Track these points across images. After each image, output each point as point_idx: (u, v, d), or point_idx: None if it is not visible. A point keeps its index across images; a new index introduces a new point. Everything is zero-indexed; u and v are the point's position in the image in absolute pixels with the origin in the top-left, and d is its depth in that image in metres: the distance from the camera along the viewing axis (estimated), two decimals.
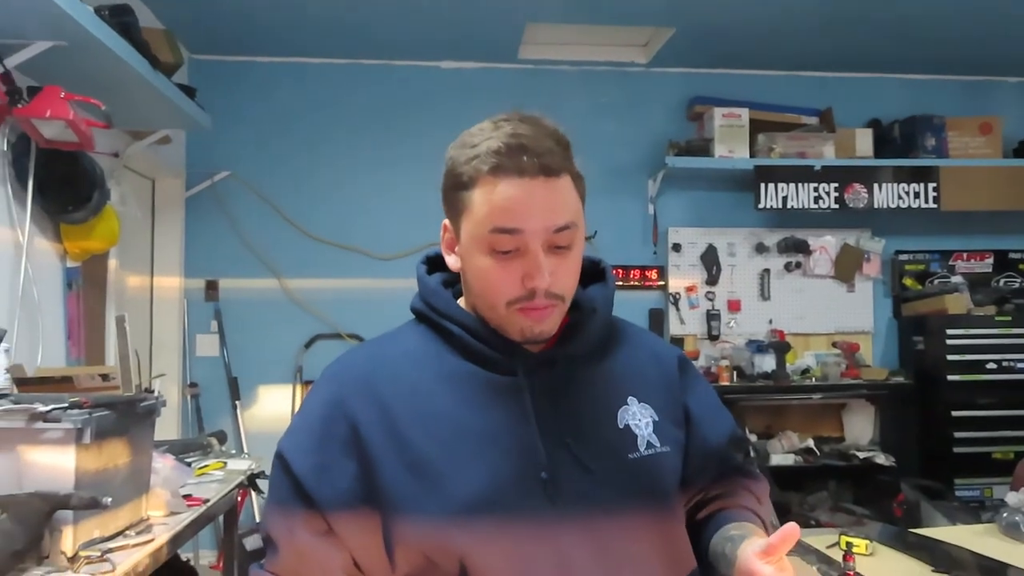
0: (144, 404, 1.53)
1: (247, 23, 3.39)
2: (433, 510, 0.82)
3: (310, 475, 0.85)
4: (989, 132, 3.92)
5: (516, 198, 0.83)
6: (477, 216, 0.85)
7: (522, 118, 0.87)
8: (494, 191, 0.83)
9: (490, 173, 0.83)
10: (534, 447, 0.85)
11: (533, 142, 0.83)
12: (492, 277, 0.86)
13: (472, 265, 0.87)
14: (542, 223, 0.83)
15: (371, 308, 3.66)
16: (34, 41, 2.02)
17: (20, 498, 1.22)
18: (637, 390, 0.94)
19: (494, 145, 0.83)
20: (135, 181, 3.40)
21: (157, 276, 3.63)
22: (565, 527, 0.84)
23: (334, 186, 3.81)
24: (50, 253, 2.45)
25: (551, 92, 3.87)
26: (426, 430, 0.85)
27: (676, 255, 3.96)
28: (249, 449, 3.47)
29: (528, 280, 0.84)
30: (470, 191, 0.85)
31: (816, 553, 1.89)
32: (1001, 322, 3.74)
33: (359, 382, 0.89)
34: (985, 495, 3.62)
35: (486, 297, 0.88)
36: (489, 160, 0.83)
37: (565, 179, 0.86)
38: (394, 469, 0.84)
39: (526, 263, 0.84)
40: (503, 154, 0.82)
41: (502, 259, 0.85)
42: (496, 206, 0.83)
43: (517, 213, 0.83)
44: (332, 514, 0.84)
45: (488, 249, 0.85)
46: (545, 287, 0.84)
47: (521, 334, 0.88)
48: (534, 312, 0.86)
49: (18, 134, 2.19)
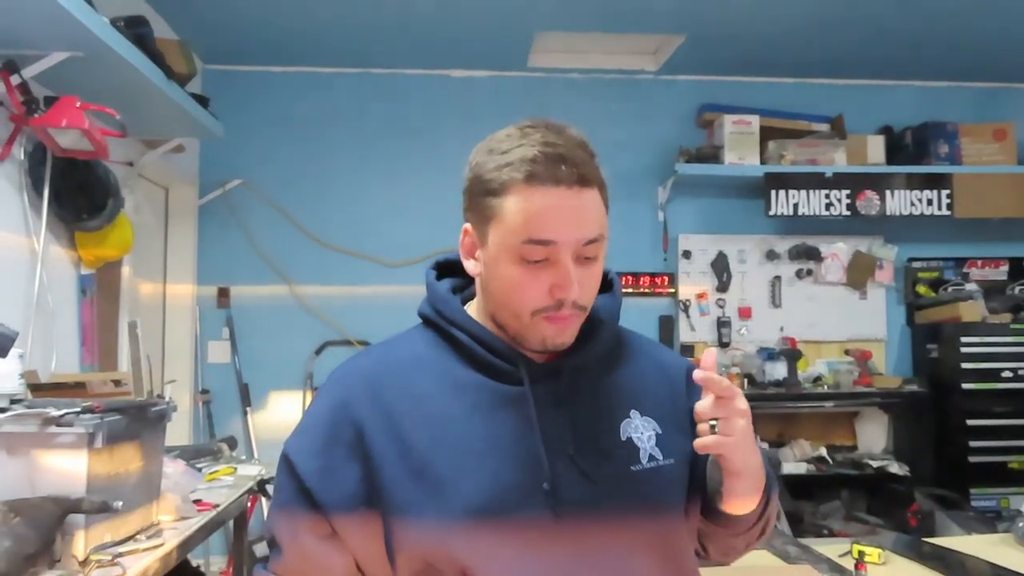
0: (155, 409, 1.54)
1: (260, 34, 3.43)
2: (434, 516, 0.82)
3: (314, 477, 0.86)
4: (1003, 139, 3.89)
5: (552, 208, 0.82)
6: (509, 225, 0.84)
7: (549, 126, 0.86)
8: (529, 200, 0.82)
9: (525, 182, 0.82)
10: (537, 457, 0.85)
11: (568, 151, 0.83)
12: (520, 286, 0.85)
13: (498, 273, 0.86)
14: (575, 235, 0.84)
15: (381, 315, 3.66)
16: (51, 52, 2.05)
17: (33, 502, 1.24)
18: (640, 403, 0.93)
19: (529, 153, 0.82)
20: (149, 189, 3.43)
21: (170, 283, 3.66)
22: (566, 538, 0.84)
23: (345, 194, 3.83)
24: (65, 260, 2.47)
25: (561, 100, 3.88)
26: (430, 436, 0.85)
27: (686, 262, 3.95)
28: (259, 455, 3.49)
29: (558, 291, 0.84)
30: (501, 198, 0.84)
31: (828, 562, 1.87)
32: (1016, 330, 3.70)
33: (365, 386, 0.90)
34: (1001, 505, 3.57)
35: (511, 305, 0.87)
36: (523, 168, 0.82)
37: (595, 190, 0.86)
38: (397, 474, 0.84)
39: (556, 274, 0.84)
40: (539, 163, 0.82)
41: (532, 268, 0.84)
42: (531, 216, 0.82)
43: (551, 224, 0.82)
44: (335, 517, 0.85)
45: (518, 258, 0.84)
46: (574, 298, 0.85)
47: (543, 343, 0.87)
48: (560, 321, 0.86)
49: (35, 143, 2.22)
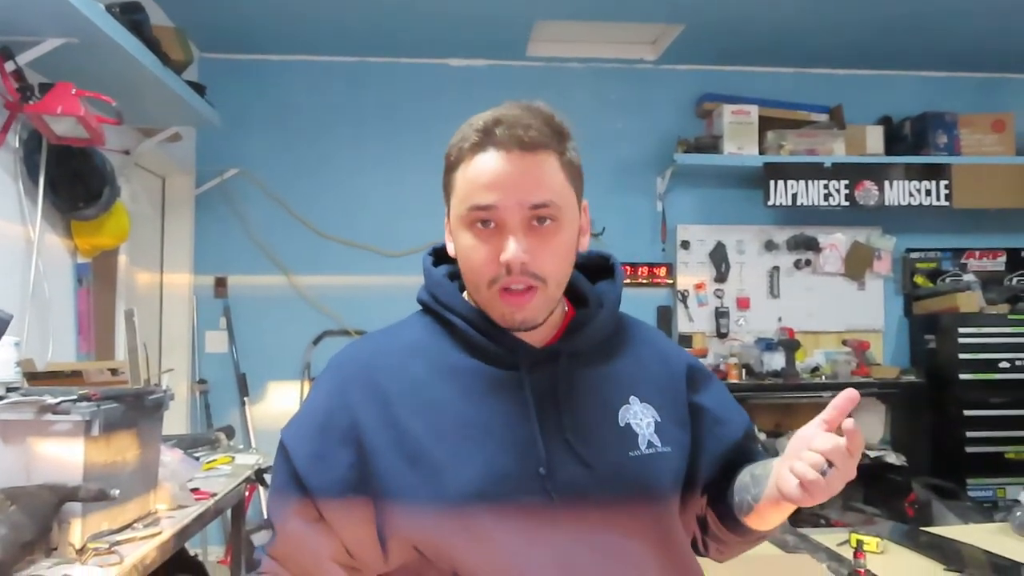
0: (152, 397, 1.53)
1: (257, 21, 3.40)
2: (428, 500, 0.82)
3: (305, 463, 0.86)
4: (1002, 129, 3.88)
5: (491, 173, 0.83)
6: (458, 194, 0.87)
7: (518, 103, 0.87)
8: (471, 166, 0.85)
9: (470, 150, 0.85)
10: (533, 442, 0.85)
11: (513, 119, 0.84)
12: (473, 255, 0.86)
13: (458, 245, 0.88)
14: (516, 197, 0.83)
15: (379, 305, 3.65)
16: (46, 38, 2.03)
17: (29, 490, 1.23)
18: (640, 389, 0.93)
19: (479, 123, 0.85)
20: (146, 178, 3.42)
21: (167, 273, 3.65)
22: (562, 522, 0.83)
23: (343, 183, 3.82)
24: (61, 249, 2.46)
25: (560, 89, 3.86)
26: (425, 422, 0.85)
27: (685, 252, 3.94)
28: (257, 444, 3.49)
29: (502, 255, 0.83)
30: (454, 172, 0.87)
31: (826, 551, 1.88)
32: (1014, 320, 3.70)
33: (361, 373, 0.90)
34: (998, 495, 3.59)
35: (472, 277, 0.88)
36: (471, 137, 0.85)
37: (545, 156, 0.85)
38: (391, 459, 0.84)
39: (502, 238, 0.84)
40: (482, 130, 0.84)
41: (483, 236, 0.85)
42: (472, 181, 0.84)
43: (491, 186, 0.83)
44: (324, 502, 0.85)
45: (468, 226, 0.86)
46: (519, 263, 0.83)
47: (502, 319, 0.87)
48: (513, 296, 0.85)
49: (30, 131, 2.20)
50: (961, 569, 1.76)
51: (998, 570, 1.79)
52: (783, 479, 0.79)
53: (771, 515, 0.89)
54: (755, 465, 0.93)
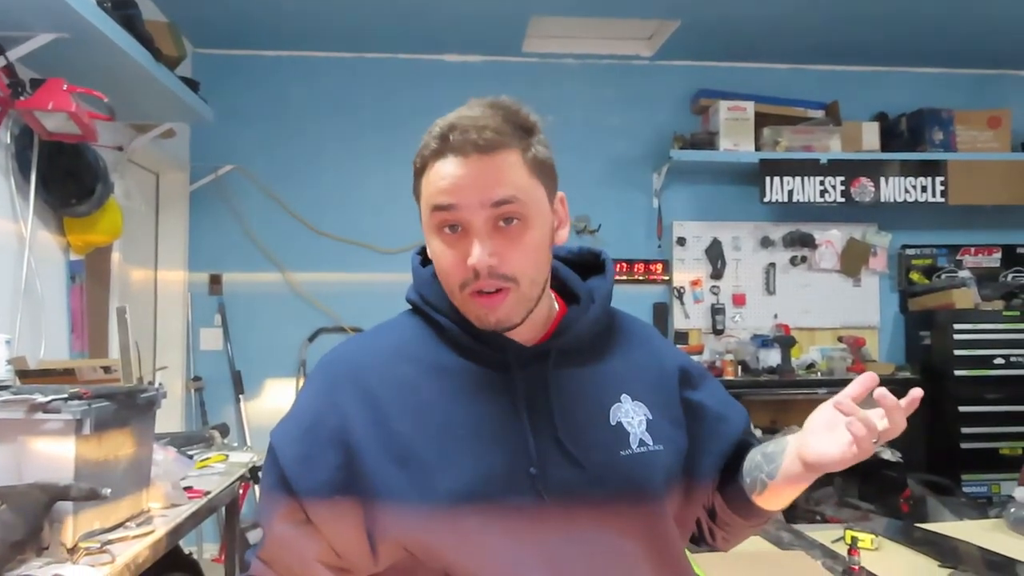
0: (144, 396, 1.52)
1: (251, 17, 3.39)
2: (418, 501, 0.81)
3: (292, 465, 0.86)
4: (998, 126, 3.89)
5: (448, 176, 0.83)
6: (424, 199, 0.87)
7: (481, 101, 0.87)
8: (431, 172, 0.85)
9: (431, 157, 0.86)
10: (524, 442, 0.84)
11: (469, 122, 0.83)
12: (442, 260, 0.86)
13: (430, 251, 0.89)
14: (475, 197, 0.82)
15: (375, 302, 3.62)
16: (37, 33, 2.01)
17: (20, 489, 1.22)
18: (632, 388, 0.92)
19: (435, 130, 0.85)
20: (139, 175, 3.40)
21: (161, 270, 3.64)
22: (553, 522, 0.83)
23: (338, 180, 3.81)
24: (53, 246, 2.45)
25: (555, 85, 3.85)
26: (414, 423, 0.84)
27: (681, 249, 3.94)
28: (252, 442, 3.48)
29: (468, 258, 0.83)
30: (420, 179, 0.88)
31: (821, 548, 1.88)
32: (1009, 317, 3.72)
33: (350, 374, 0.89)
34: (993, 491, 3.60)
35: (445, 282, 0.88)
36: (431, 145, 0.86)
37: (504, 155, 0.83)
38: (380, 460, 0.83)
39: (468, 242, 0.83)
40: (438, 137, 0.84)
41: (449, 240, 0.85)
42: (433, 186, 0.85)
43: (450, 190, 0.83)
44: (310, 504, 0.84)
45: (435, 231, 0.86)
46: (485, 265, 0.82)
47: (479, 321, 0.86)
48: (485, 299, 0.84)
49: (21, 126, 2.19)
50: (955, 565, 1.77)
51: (992, 566, 1.79)
52: (810, 447, 0.86)
53: (785, 492, 0.90)
54: (765, 444, 0.95)
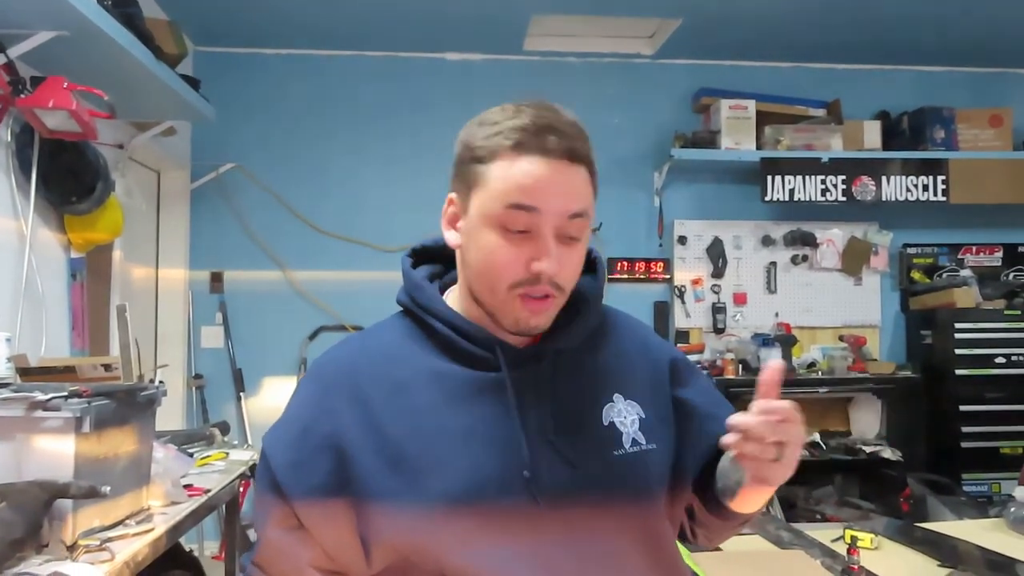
0: (144, 393, 1.52)
1: (252, 15, 3.39)
2: (412, 506, 0.81)
3: (284, 469, 0.86)
4: (999, 124, 3.88)
5: (537, 176, 0.81)
6: (493, 190, 0.83)
7: (543, 104, 0.86)
8: (514, 166, 0.82)
9: (513, 149, 0.82)
10: (517, 444, 0.84)
11: (559, 124, 0.83)
12: (498, 256, 0.83)
13: (477, 242, 0.85)
14: (559, 206, 0.82)
15: (375, 300, 3.62)
16: (37, 31, 2.01)
17: (19, 487, 1.22)
18: (623, 387, 0.92)
19: (519, 122, 0.82)
20: (141, 173, 3.40)
21: (162, 268, 3.64)
22: (547, 525, 0.83)
23: (339, 178, 3.81)
24: (54, 244, 2.45)
25: (556, 84, 3.84)
26: (407, 427, 0.84)
27: (682, 248, 3.94)
28: (253, 440, 3.48)
29: (535, 263, 0.82)
30: (487, 165, 0.83)
31: (820, 547, 1.88)
32: (1010, 316, 3.71)
33: (342, 378, 0.89)
34: (993, 490, 3.60)
35: (488, 277, 0.85)
36: (513, 136, 0.82)
37: (584, 169, 0.85)
38: (373, 465, 0.83)
39: (536, 246, 0.82)
40: (529, 131, 0.82)
41: (512, 238, 0.82)
42: (515, 182, 0.81)
43: (536, 191, 0.81)
44: (302, 508, 0.85)
45: (499, 226, 0.82)
46: (552, 273, 0.82)
47: (516, 324, 0.85)
48: (534, 303, 0.84)
49: (22, 124, 2.19)
50: (955, 565, 1.76)
51: (992, 566, 1.79)
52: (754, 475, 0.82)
53: (754, 497, 0.89)
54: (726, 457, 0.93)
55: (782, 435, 0.78)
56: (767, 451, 0.78)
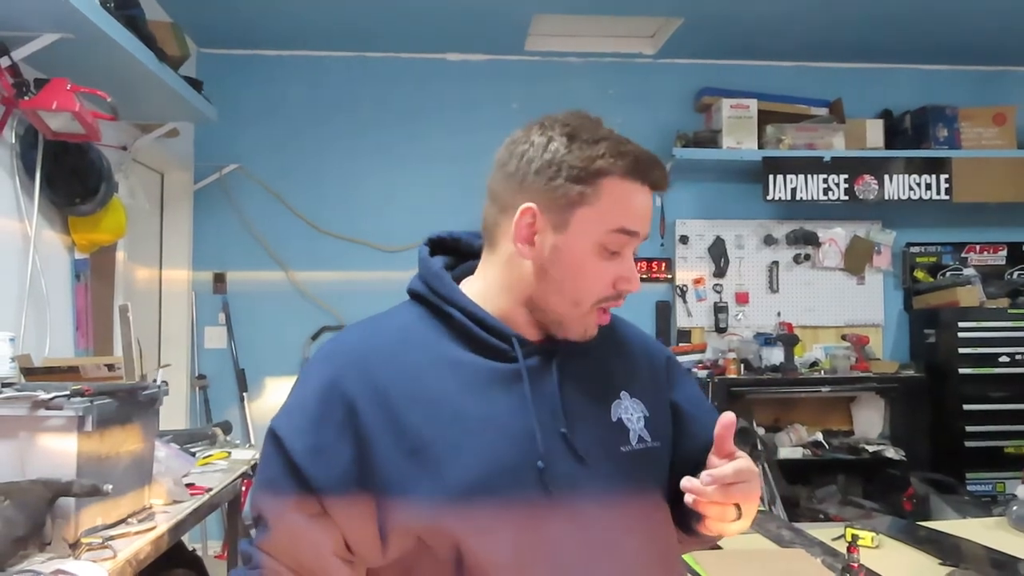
0: (147, 393, 1.54)
1: (254, 17, 3.40)
2: (429, 494, 0.82)
3: (305, 456, 0.84)
4: (1003, 123, 3.87)
5: (643, 205, 0.88)
6: (603, 212, 0.86)
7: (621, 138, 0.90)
8: (626, 192, 0.87)
9: (621, 175, 0.86)
10: (531, 435, 0.85)
11: (656, 158, 0.90)
12: (591, 274, 0.87)
13: (570, 258, 0.87)
14: (647, 230, 0.90)
15: (377, 299, 3.61)
16: (41, 33, 2.03)
17: (22, 485, 1.24)
18: (630, 385, 0.95)
19: (624, 148, 0.87)
20: (144, 174, 3.42)
21: (166, 269, 3.65)
22: (557, 516, 0.84)
23: (341, 178, 3.82)
24: (58, 245, 2.46)
25: (558, 84, 3.85)
26: (424, 413, 0.85)
27: (683, 247, 3.94)
28: (256, 440, 3.49)
29: (623, 283, 0.88)
30: (593, 186, 0.85)
31: (821, 546, 1.88)
32: (1014, 315, 3.70)
33: (355, 363, 0.88)
34: (997, 490, 3.58)
35: (575, 292, 0.88)
36: (623, 161, 0.86)
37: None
38: (390, 452, 0.83)
39: (622, 267, 0.88)
40: (642, 160, 0.87)
41: (607, 258, 0.87)
42: (628, 209, 0.87)
43: (641, 219, 0.88)
44: (326, 496, 0.84)
45: (599, 246, 0.87)
46: (633, 291, 0.90)
47: (584, 333, 0.90)
48: (605, 316, 0.91)
49: (26, 126, 2.20)
50: (956, 563, 1.76)
51: (994, 564, 1.79)
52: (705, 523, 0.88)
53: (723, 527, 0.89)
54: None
55: (738, 496, 0.82)
56: (727, 513, 0.83)
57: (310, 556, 0.85)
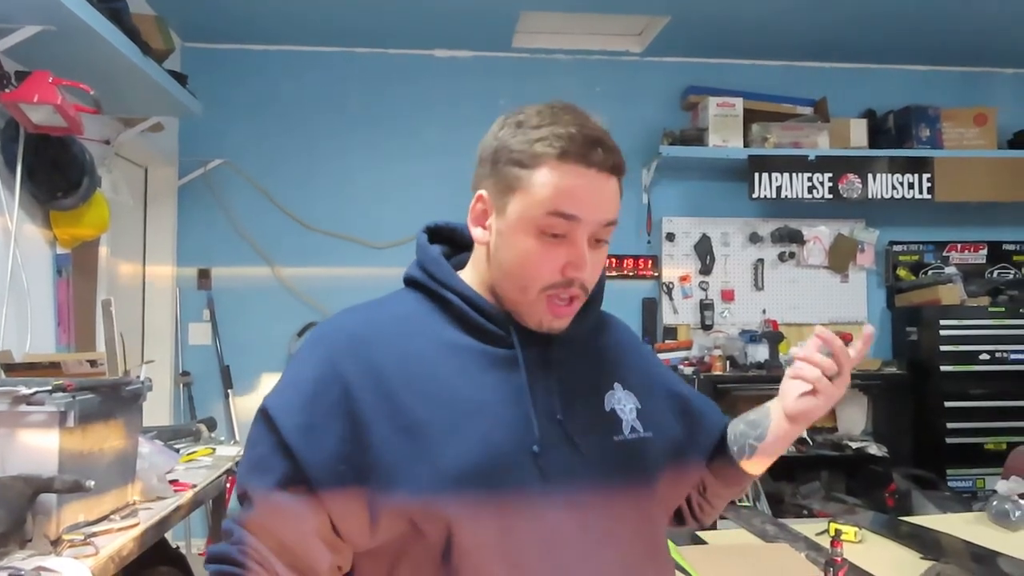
0: (130, 388, 1.52)
1: (240, 10, 3.37)
2: (424, 477, 0.81)
3: (296, 434, 0.83)
4: (984, 123, 3.91)
5: (582, 187, 0.85)
6: (536, 196, 0.85)
7: (576, 110, 0.89)
8: (561, 175, 0.85)
9: (558, 158, 0.85)
10: (528, 421, 0.86)
11: (603, 138, 0.87)
12: (533, 259, 0.86)
13: (512, 244, 0.87)
14: (598, 215, 0.86)
15: (364, 296, 3.59)
16: (22, 25, 2.00)
17: (3, 481, 1.22)
18: (623, 377, 0.96)
19: (564, 131, 0.85)
20: (128, 169, 3.38)
21: (150, 264, 3.62)
22: (551, 502, 0.84)
23: (327, 174, 3.80)
24: (39, 239, 2.43)
25: (545, 81, 3.85)
26: (419, 396, 0.85)
27: (670, 245, 3.95)
28: (240, 437, 3.47)
29: (571, 269, 0.86)
30: (530, 170, 0.86)
31: (805, 540, 1.89)
32: (994, 313, 3.75)
33: (351, 344, 0.88)
34: (977, 486, 3.63)
35: (521, 278, 0.88)
36: (558, 144, 0.85)
37: (618, 180, 0.89)
38: (386, 433, 0.83)
39: (571, 252, 0.86)
40: (576, 142, 0.85)
41: (549, 243, 0.86)
42: (561, 190, 0.84)
43: (580, 201, 0.85)
44: (315, 475, 0.83)
45: (537, 231, 0.86)
46: (584, 279, 0.87)
47: (539, 324, 0.89)
48: (559, 308, 0.88)
49: (7, 119, 2.18)
50: (938, 558, 1.79)
51: (974, 558, 1.81)
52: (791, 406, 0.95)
53: (773, 450, 0.98)
54: (746, 414, 1.02)
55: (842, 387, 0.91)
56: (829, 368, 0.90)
57: (293, 537, 0.83)
